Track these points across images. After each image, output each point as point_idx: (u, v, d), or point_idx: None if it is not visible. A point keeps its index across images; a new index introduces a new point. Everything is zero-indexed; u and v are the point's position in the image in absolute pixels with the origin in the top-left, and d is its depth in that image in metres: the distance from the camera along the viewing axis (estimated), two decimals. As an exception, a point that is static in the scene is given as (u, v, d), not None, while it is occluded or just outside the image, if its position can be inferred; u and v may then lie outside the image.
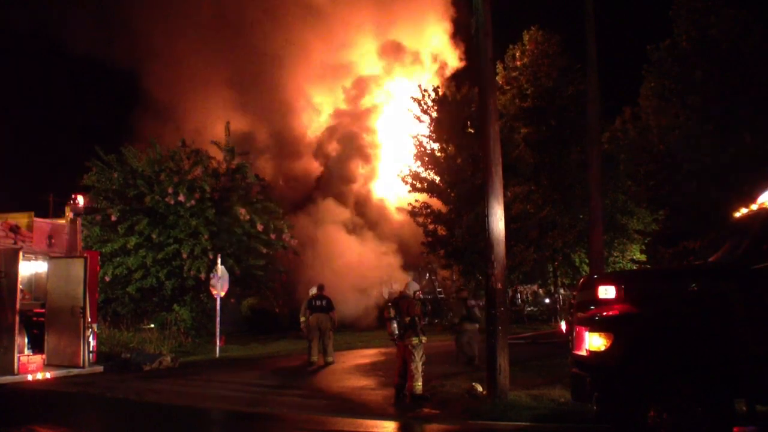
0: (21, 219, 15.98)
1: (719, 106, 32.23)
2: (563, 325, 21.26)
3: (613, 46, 37.03)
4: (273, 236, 27.81)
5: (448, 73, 43.50)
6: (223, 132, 28.81)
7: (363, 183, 40.71)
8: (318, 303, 19.04)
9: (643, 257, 35.43)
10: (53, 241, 16.81)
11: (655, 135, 35.51)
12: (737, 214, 9.04)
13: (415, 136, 33.07)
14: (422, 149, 32.77)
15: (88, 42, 40.11)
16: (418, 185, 32.70)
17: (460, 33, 42.75)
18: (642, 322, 7.83)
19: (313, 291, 19.65)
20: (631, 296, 8.01)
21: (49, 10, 40.38)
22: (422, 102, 33.06)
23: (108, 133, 38.40)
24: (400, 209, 36.27)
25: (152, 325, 24.83)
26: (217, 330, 21.55)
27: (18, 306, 15.08)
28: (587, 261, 27.65)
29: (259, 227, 26.87)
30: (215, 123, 34.73)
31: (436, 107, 32.66)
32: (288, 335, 27.26)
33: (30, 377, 15.16)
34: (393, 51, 42.90)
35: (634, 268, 33.69)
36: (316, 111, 43.40)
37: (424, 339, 12.87)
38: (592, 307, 8.25)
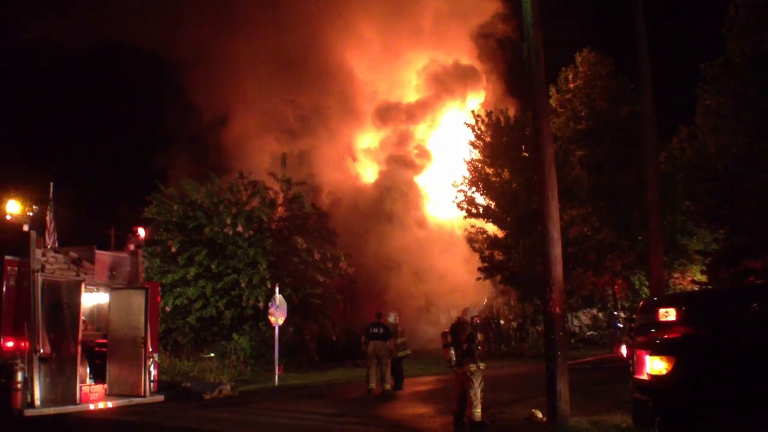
0: (83, 252, 16.31)
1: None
2: (624, 349, 20.90)
3: (667, 65, 36.62)
4: (330, 265, 27.95)
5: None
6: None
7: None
8: (375, 330, 18.99)
9: (704, 278, 34.80)
10: (115, 272, 17.08)
11: (712, 154, 34.98)
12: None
13: (469, 162, 33.08)
14: (476, 174, 32.74)
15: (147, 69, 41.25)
16: (474, 210, 32.63)
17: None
18: (704, 344, 7.64)
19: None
20: (693, 318, 7.83)
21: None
22: (476, 127, 33.09)
23: (166, 168, 39.11)
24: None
25: (212, 354, 25.03)
26: (276, 358, 21.65)
27: (80, 336, 15.32)
28: (647, 283, 27.22)
29: (317, 256, 27.08)
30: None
31: (489, 132, 32.65)
32: (345, 363, 27.27)
33: (92, 406, 15.35)
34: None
35: (695, 289, 33.08)
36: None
37: (482, 365, 12.73)
38: (652, 330, 8.10)
